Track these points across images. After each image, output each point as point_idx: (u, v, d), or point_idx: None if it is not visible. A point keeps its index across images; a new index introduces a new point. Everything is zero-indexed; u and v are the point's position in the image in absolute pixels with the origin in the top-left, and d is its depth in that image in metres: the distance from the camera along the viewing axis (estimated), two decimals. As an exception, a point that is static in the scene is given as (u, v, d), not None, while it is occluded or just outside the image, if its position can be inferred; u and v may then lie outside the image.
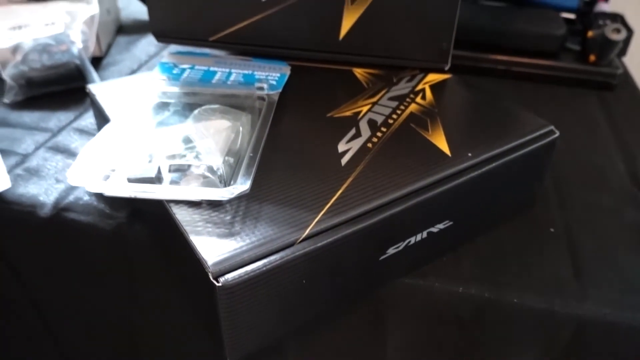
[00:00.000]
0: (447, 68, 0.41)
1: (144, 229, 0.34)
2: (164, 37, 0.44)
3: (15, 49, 0.50)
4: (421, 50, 0.40)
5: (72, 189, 0.37)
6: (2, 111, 0.47)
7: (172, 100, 0.34)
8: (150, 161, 0.29)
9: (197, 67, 0.38)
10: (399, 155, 0.31)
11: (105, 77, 0.53)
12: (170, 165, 0.28)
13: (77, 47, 0.50)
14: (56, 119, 0.46)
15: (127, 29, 0.63)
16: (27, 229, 0.37)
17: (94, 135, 0.44)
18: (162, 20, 0.43)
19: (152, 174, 0.27)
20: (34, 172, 0.39)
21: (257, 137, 0.31)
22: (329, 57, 0.41)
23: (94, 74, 0.50)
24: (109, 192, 0.27)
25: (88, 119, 0.46)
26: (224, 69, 0.37)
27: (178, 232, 0.26)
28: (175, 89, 0.35)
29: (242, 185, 0.27)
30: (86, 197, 0.37)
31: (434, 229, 0.31)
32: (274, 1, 0.40)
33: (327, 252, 0.27)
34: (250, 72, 0.37)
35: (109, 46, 0.59)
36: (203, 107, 0.33)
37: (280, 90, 0.35)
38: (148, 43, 0.59)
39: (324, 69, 0.41)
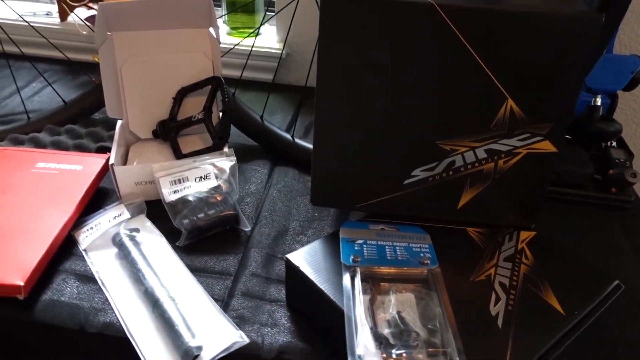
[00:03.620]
0: (532, 227, 0.57)
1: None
2: (320, 204, 0.59)
3: (181, 202, 0.63)
4: (515, 215, 0.56)
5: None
6: (180, 255, 0.60)
7: (360, 270, 0.48)
8: (380, 345, 0.43)
9: (368, 242, 0.52)
10: (534, 319, 0.46)
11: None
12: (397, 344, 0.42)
13: (231, 196, 0.64)
14: (226, 262, 0.59)
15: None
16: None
17: (266, 278, 0.57)
18: (322, 192, 0.57)
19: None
20: (242, 318, 0.52)
21: (441, 306, 0.45)
22: (448, 221, 0.57)
23: (242, 216, 0.64)
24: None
25: (254, 262, 0.59)
26: (387, 242, 0.52)
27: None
28: (364, 266, 0.49)
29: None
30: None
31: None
32: (413, 183, 0.55)
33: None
34: (406, 244, 0.52)
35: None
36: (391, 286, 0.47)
37: (438, 264, 0.50)
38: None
39: (445, 228, 0.56)
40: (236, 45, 0.85)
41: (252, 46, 0.85)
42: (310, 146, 0.76)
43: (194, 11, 0.71)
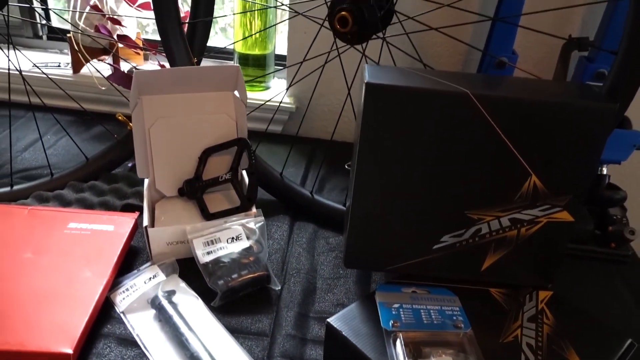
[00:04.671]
0: (549, 286, 0.61)
1: None
2: (353, 266, 0.62)
3: (215, 263, 0.65)
4: (534, 276, 0.61)
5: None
6: (216, 316, 0.62)
7: (401, 335, 0.51)
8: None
9: (404, 305, 0.56)
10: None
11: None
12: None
13: (262, 257, 0.66)
14: (261, 323, 0.62)
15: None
16: None
17: (301, 339, 0.60)
18: (355, 256, 0.61)
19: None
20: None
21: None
22: (472, 281, 0.61)
23: (273, 276, 0.66)
24: None
25: (288, 322, 0.62)
26: (421, 306, 0.56)
27: None
28: (404, 331, 0.52)
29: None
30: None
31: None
32: (441, 248, 0.59)
33: None
34: (439, 307, 0.56)
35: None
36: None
37: (470, 327, 0.54)
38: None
39: (469, 289, 0.60)
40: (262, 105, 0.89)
41: (280, 103, 0.89)
42: (329, 202, 0.80)
43: (221, 77, 0.75)
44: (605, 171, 0.71)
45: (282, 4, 0.97)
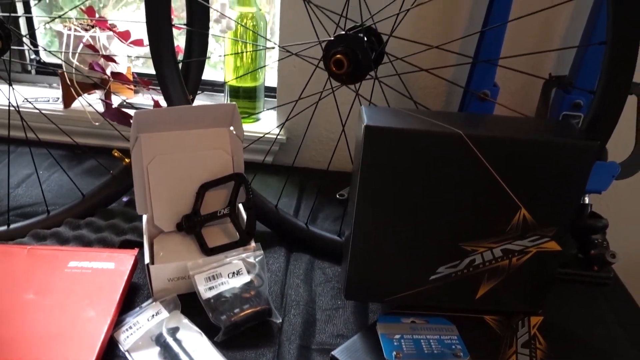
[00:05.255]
0: (540, 312, 0.64)
1: None
2: (353, 298, 0.64)
3: (217, 298, 0.66)
4: (526, 303, 0.64)
5: None
6: (221, 351, 0.63)
7: None
8: None
9: (405, 336, 0.58)
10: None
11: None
12: None
13: (263, 291, 0.68)
14: (265, 357, 0.63)
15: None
16: None
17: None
18: (355, 288, 0.63)
19: None
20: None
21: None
22: (467, 310, 0.64)
23: (274, 309, 0.68)
24: None
25: (290, 355, 0.63)
26: (421, 336, 0.58)
27: None
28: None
29: None
30: None
31: None
32: (437, 279, 0.62)
33: None
34: (438, 336, 0.58)
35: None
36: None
37: (469, 356, 0.56)
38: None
39: (464, 317, 0.63)
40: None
41: (277, 136, 0.91)
42: (324, 233, 0.82)
43: (218, 114, 0.77)
44: (587, 200, 0.75)
45: (276, 44, 1.00)
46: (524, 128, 0.58)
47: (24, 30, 1.14)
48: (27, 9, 1.13)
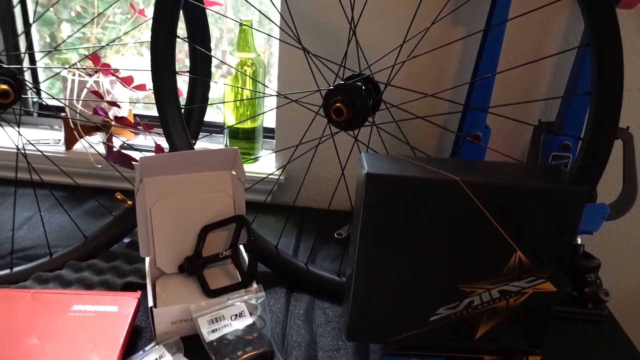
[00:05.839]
0: (538, 351, 0.66)
1: None
2: (355, 340, 0.65)
3: (220, 341, 0.67)
4: (524, 342, 0.65)
5: None
6: (224, 396, 0.63)
7: None
8: None
9: (407, 376, 0.59)
10: None
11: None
12: None
13: (265, 333, 0.69)
14: (269, 399, 0.64)
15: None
16: None
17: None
18: (358, 330, 0.64)
19: None
20: None
21: None
22: (466, 350, 0.65)
23: (277, 351, 0.69)
24: None
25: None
26: (422, 377, 0.59)
27: None
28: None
29: None
30: None
31: None
32: (437, 320, 0.63)
33: None
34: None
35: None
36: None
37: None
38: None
39: (463, 357, 0.64)
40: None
41: (278, 177, 0.93)
42: (323, 273, 0.84)
43: (220, 158, 0.79)
44: (579, 241, 0.78)
45: (278, 94, 1.04)
46: (517, 174, 0.60)
47: (28, 77, 1.17)
48: (32, 59, 1.17)
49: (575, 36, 0.91)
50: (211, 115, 1.23)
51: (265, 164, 1.12)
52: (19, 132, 0.81)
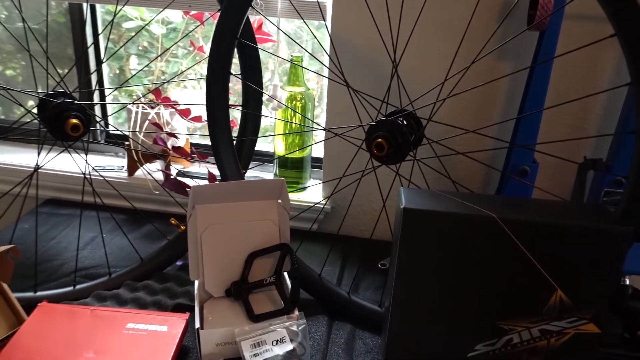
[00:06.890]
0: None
1: None
2: (392, 371, 0.66)
3: (261, 365, 0.70)
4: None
5: None
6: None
7: None
8: None
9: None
10: None
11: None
12: None
13: (304, 359, 0.71)
14: None
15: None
16: None
17: None
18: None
19: None
20: None
21: None
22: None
23: (314, 379, 0.70)
24: None
25: None
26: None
27: None
28: None
29: None
30: None
31: None
32: (475, 356, 0.63)
33: None
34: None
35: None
36: None
37: None
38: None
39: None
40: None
41: (323, 206, 0.96)
42: (365, 303, 0.85)
43: (267, 188, 0.83)
44: (627, 282, 0.75)
45: (323, 128, 1.07)
46: (559, 212, 0.60)
47: (98, 110, 1.27)
48: (102, 94, 1.27)
49: (627, 72, 0.89)
50: (262, 144, 1.28)
51: (313, 192, 1.16)
52: (86, 160, 0.88)
